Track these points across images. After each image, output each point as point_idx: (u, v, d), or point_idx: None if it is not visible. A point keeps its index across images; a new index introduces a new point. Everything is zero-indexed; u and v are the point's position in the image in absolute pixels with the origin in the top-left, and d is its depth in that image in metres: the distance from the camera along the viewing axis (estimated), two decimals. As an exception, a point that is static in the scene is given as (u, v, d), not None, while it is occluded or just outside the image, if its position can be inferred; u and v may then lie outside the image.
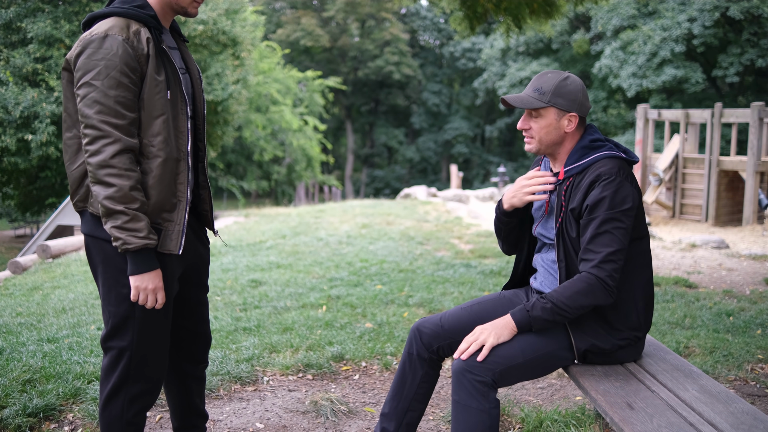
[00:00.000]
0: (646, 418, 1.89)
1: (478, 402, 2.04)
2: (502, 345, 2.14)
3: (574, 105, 2.21)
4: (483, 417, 2.04)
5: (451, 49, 40.92)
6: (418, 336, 2.41)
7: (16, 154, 15.44)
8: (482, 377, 2.06)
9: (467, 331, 2.37)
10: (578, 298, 2.09)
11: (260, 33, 21.57)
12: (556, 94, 2.20)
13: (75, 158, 2.11)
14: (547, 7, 6.87)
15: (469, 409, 2.05)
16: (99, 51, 1.98)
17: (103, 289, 2.13)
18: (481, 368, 2.07)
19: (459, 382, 2.08)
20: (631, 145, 23.16)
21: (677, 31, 22.83)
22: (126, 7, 2.06)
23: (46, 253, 8.17)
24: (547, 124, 2.22)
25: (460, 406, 2.07)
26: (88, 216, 2.12)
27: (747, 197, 11.37)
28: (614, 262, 2.10)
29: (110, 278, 2.09)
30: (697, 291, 5.64)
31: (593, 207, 2.13)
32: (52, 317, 4.82)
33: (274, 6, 39.72)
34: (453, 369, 2.11)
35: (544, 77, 2.24)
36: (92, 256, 2.14)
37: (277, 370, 3.59)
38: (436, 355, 2.41)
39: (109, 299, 2.11)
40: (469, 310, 2.45)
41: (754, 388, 3.34)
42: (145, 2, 2.11)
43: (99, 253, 2.11)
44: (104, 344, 2.15)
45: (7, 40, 16.37)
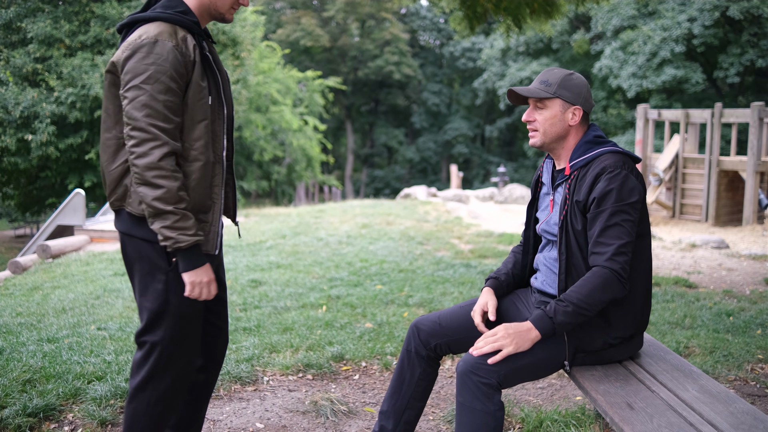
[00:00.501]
0: (646, 418, 1.89)
1: (483, 404, 2.02)
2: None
3: (579, 98, 2.25)
4: (487, 419, 2.02)
5: (451, 49, 40.91)
6: (416, 333, 2.42)
7: (16, 154, 15.44)
8: (487, 379, 2.04)
9: (465, 330, 2.37)
10: (596, 294, 2.08)
11: (260, 33, 21.58)
12: (562, 86, 2.24)
13: (114, 158, 2.16)
14: (548, 7, 6.87)
15: (474, 411, 2.03)
16: (150, 55, 2.01)
17: (139, 285, 2.17)
18: (487, 370, 2.05)
19: (463, 383, 2.06)
20: (631, 145, 23.15)
21: (677, 32, 22.82)
22: (171, 13, 2.09)
23: (46, 253, 8.17)
24: (552, 116, 2.25)
25: (464, 408, 2.05)
26: (125, 215, 2.16)
27: (747, 197, 11.37)
28: (625, 254, 2.10)
29: (147, 275, 2.14)
30: (697, 291, 5.64)
31: (600, 199, 2.13)
32: (52, 317, 4.82)
33: (274, 6, 39.70)
34: (458, 370, 2.09)
35: (551, 71, 2.29)
36: (128, 254, 2.18)
37: (277, 370, 3.59)
38: (433, 352, 2.41)
39: (145, 295, 2.15)
40: (467, 309, 2.44)
41: (754, 388, 3.34)
42: (188, 8, 2.15)
43: (135, 251, 2.15)
44: (138, 339, 2.18)
45: (7, 40, 16.36)
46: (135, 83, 2.01)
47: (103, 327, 4.38)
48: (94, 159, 16.18)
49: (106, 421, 2.87)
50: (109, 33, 16.12)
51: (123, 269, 6.91)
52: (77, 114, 15.44)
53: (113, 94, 2.13)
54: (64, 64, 15.58)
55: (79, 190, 10.60)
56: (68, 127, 16.13)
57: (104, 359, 3.54)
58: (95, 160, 16.25)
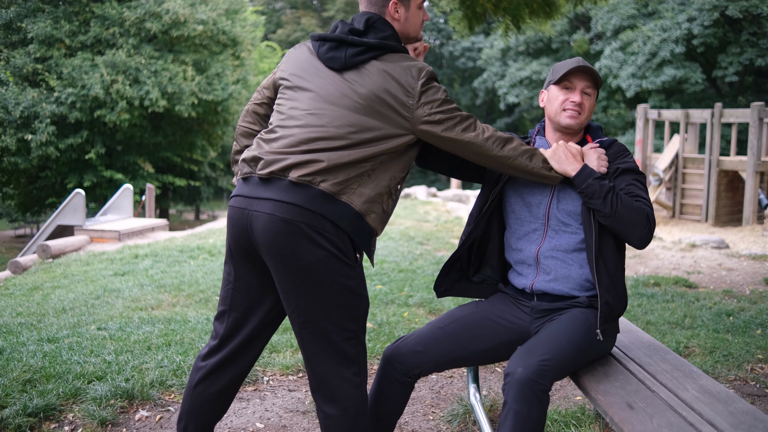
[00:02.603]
0: (646, 418, 1.89)
1: (538, 410, 1.95)
2: (556, 348, 2.05)
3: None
4: (539, 425, 1.97)
5: (450, 49, 40.91)
6: (393, 365, 2.27)
7: (16, 154, 15.44)
8: (546, 385, 1.97)
9: (449, 353, 2.25)
10: (634, 214, 2.12)
11: (260, 33, 21.60)
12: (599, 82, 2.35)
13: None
14: (547, 7, 6.86)
15: (530, 420, 1.94)
16: (441, 88, 2.06)
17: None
18: (546, 375, 1.97)
19: (522, 392, 1.94)
20: (632, 145, 23.16)
21: (677, 32, 22.83)
22: (400, 46, 2.10)
23: (46, 253, 8.17)
24: (593, 104, 2.34)
25: (520, 416, 1.94)
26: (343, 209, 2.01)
27: (747, 197, 11.37)
28: (653, 214, 2.20)
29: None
30: (697, 291, 5.64)
31: (627, 170, 2.24)
32: (52, 317, 4.82)
33: (274, 6, 39.73)
34: (517, 379, 1.95)
35: (586, 62, 2.34)
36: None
37: (277, 370, 3.59)
38: (415, 378, 2.29)
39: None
40: (447, 330, 2.29)
41: (753, 388, 3.34)
42: (398, 35, 2.14)
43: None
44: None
45: (7, 40, 16.37)
46: (458, 115, 2.04)
47: (103, 327, 4.39)
48: (93, 159, 16.19)
49: (106, 421, 2.88)
50: (109, 33, 16.13)
51: (123, 269, 6.91)
52: (77, 114, 15.44)
53: (378, 112, 2.02)
54: (64, 64, 15.59)
55: (79, 190, 10.60)
56: (68, 127, 16.14)
57: (104, 359, 3.54)
58: (95, 159, 16.26)
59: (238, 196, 2.09)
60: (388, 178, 2.06)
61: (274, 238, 1.96)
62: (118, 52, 15.73)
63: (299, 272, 1.98)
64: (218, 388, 2.21)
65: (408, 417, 3.10)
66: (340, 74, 2.03)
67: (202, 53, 17.20)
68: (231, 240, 2.12)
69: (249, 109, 2.30)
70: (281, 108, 2.11)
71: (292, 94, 2.10)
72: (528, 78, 29.95)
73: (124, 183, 15.35)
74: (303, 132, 2.01)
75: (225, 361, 2.21)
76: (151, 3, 16.02)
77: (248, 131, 2.29)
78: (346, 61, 2.02)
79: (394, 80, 2.00)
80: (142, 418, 2.97)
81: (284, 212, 1.95)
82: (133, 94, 15.38)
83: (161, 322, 4.47)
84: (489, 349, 2.29)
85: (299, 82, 2.09)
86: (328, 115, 2.01)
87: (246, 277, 2.15)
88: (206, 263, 7.09)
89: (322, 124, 2.01)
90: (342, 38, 2.03)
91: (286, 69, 2.16)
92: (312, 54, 2.11)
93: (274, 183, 1.99)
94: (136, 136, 16.95)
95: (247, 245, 2.07)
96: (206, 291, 5.62)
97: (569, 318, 2.17)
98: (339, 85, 2.02)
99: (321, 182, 1.97)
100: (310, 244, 1.95)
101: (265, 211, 1.97)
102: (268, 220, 1.97)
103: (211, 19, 16.69)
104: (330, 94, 2.02)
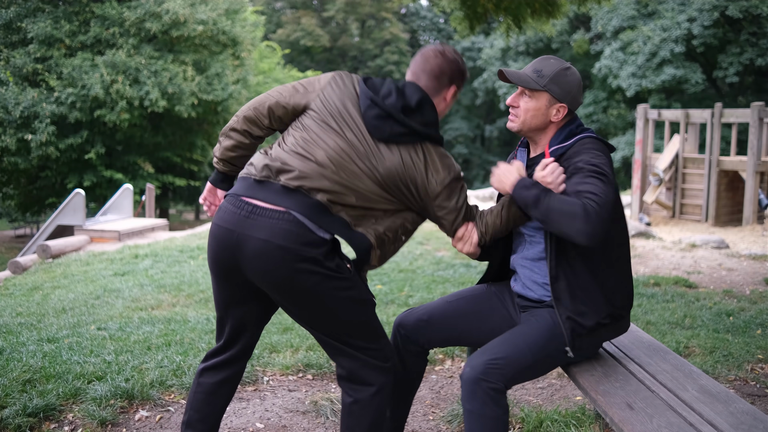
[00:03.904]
0: (645, 419, 1.89)
1: (492, 410, 1.99)
2: (511, 347, 2.08)
3: (567, 96, 2.16)
4: (497, 424, 2.00)
5: (451, 49, 40.91)
6: (400, 332, 2.36)
7: (16, 154, 15.44)
8: (496, 384, 2.01)
9: (453, 327, 2.33)
10: (565, 209, 1.94)
11: (260, 33, 21.60)
12: (554, 81, 2.14)
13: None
14: (549, 6, 6.86)
15: (484, 418, 1.99)
16: (460, 187, 2.18)
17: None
18: (495, 374, 2.01)
19: (472, 392, 2.01)
20: (632, 145, 23.15)
21: (677, 32, 22.83)
22: (439, 135, 2.19)
23: (46, 253, 8.17)
24: (535, 108, 2.16)
25: (474, 415, 2.00)
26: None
27: (747, 197, 11.37)
28: (599, 205, 1.93)
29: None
30: (697, 291, 5.64)
31: (577, 170, 2.05)
32: (52, 317, 4.82)
33: (274, 6, 39.71)
34: (465, 378, 2.02)
35: (547, 61, 2.19)
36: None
37: (277, 370, 3.58)
38: (423, 348, 2.36)
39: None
40: (454, 305, 2.38)
41: (754, 388, 3.34)
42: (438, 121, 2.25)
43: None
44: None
45: (7, 40, 16.37)
46: (462, 214, 2.18)
47: (103, 327, 4.38)
48: (93, 159, 16.19)
49: (106, 421, 2.87)
50: (109, 33, 16.14)
51: (123, 269, 6.91)
52: (77, 114, 15.44)
53: (393, 189, 2.09)
54: (64, 64, 15.59)
55: (79, 190, 10.60)
56: (68, 127, 16.13)
57: (104, 359, 3.54)
58: (95, 159, 16.26)
59: (236, 197, 2.07)
60: (399, 223, 2.14)
61: (268, 266, 1.99)
62: (118, 52, 15.72)
63: (299, 298, 2.05)
64: (220, 378, 2.29)
65: (408, 417, 3.10)
66: (375, 142, 2.07)
67: (202, 53, 17.20)
68: (214, 257, 2.13)
69: (255, 115, 2.21)
70: (310, 133, 2.10)
71: (326, 128, 2.10)
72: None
73: (124, 183, 15.35)
74: (327, 172, 2.05)
75: (230, 358, 2.30)
76: (151, 3, 16.02)
77: (248, 132, 2.24)
78: (388, 137, 2.06)
79: (419, 175, 2.07)
80: (142, 418, 2.97)
81: (282, 238, 1.96)
82: (133, 94, 15.38)
83: (161, 322, 4.47)
84: (491, 330, 2.33)
85: (333, 123, 2.09)
86: (348, 169, 2.05)
87: (232, 292, 2.18)
88: (206, 263, 7.09)
89: (341, 176, 2.04)
90: (392, 113, 2.06)
91: (325, 104, 2.13)
92: (355, 104, 2.11)
93: (292, 194, 2.01)
94: (136, 136, 16.95)
95: (232, 266, 2.08)
96: (206, 291, 5.62)
97: (535, 319, 2.19)
98: (369, 151, 2.06)
99: (340, 211, 2.04)
100: (304, 272, 1.99)
101: (260, 237, 1.97)
102: (263, 247, 1.97)
103: (211, 19, 16.68)
104: (359, 153, 2.06)
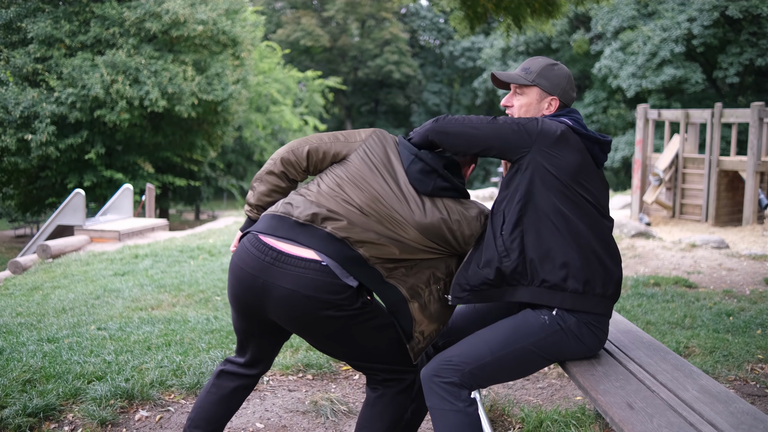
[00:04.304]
0: (646, 418, 1.89)
1: (451, 403, 2.01)
2: (469, 344, 2.08)
3: (556, 89, 2.22)
4: (461, 417, 2.01)
5: (450, 49, 40.90)
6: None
7: (16, 153, 15.44)
8: (449, 378, 2.03)
9: (471, 329, 2.34)
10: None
11: (260, 33, 21.59)
12: (542, 75, 2.22)
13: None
14: (549, 6, 6.86)
15: (445, 413, 2.02)
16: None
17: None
18: (448, 370, 2.04)
19: (429, 388, 2.05)
20: (632, 145, 23.15)
21: (677, 32, 22.84)
22: (467, 192, 2.34)
23: (46, 253, 8.17)
24: (527, 103, 2.24)
25: (435, 411, 2.04)
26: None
27: (747, 197, 11.37)
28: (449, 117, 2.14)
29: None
30: (697, 291, 5.64)
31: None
32: (52, 317, 4.82)
33: (274, 6, 39.72)
34: (421, 377, 2.08)
35: (535, 60, 2.28)
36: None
37: (277, 370, 3.58)
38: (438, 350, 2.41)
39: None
40: (476, 308, 2.43)
41: (754, 388, 3.34)
42: None
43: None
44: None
45: (7, 40, 16.37)
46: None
47: (103, 327, 4.39)
48: (93, 159, 16.19)
49: (106, 421, 2.87)
50: (109, 33, 16.14)
51: (123, 269, 6.91)
52: (77, 114, 15.44)
53: (433, 237, 2.16)
54: (65, 64, 15.58)
55: (79, 190, 10.60)
56: (68, 127, 16.13)
57: (104, 359, 3.54)
58: (95, 159, 16.26)
59: (259, 239, 2.07)
60: (429, 274, 2.18)
61: (293, 312, 2.04)
62: (118, 52, 15.72)
63: (323, 338, 2.12)
64: (237, 385, 2.33)
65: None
66: (419, 194, 2.13)
67: (202, 53, 17.19)
68: (235, 296, 2.14)
69: (293, 159, 2.21)
70: (356, 182, 2.12)
71: (370, 178, 2.13)
72: (528, 78, 29.91)
73: (124, 183, 15.35)
74: (370, 221, 2.08)
75: (251, 372, 2.35)
76: (151, 3, 16.01)
77: (285, 174, 2.23)
78: (432, 191, 2.13)
79: (459, 225, 2.15)
80: (141, 418, 2.97)
81: (309, 288, 1.99)
82: (133, 94, 15.38)
83: (161, 322, 4.47)
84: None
85: (377, 174, 2.14)
86: (393, 219, 2.09)
87: (253, 325, 2.22)
88: (206, 263, 7.09)
89: (386, 226, 2.09)
90: (437, 169, 2.13)
91: (369, 155, 2.17)
92: (397, 158, 2.17)
93: (335, 243, 2.03)
94: (136, 136, 16.95)
95: (255, 307, 2.12)
96: (206, 291, 5.62)
97: (507, 319, 2.15)
98: (414, 202, 2.12)
99: (376, 263, 2.08)
100: (330, 318, 2.04)
101: (287, 286, 2.00)
102: (290, 296, 2.01)
103: (211, 19, 16.68)
104: (403, 204, 2.11)
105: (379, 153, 2.16)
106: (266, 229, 2.08)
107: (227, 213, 16.03)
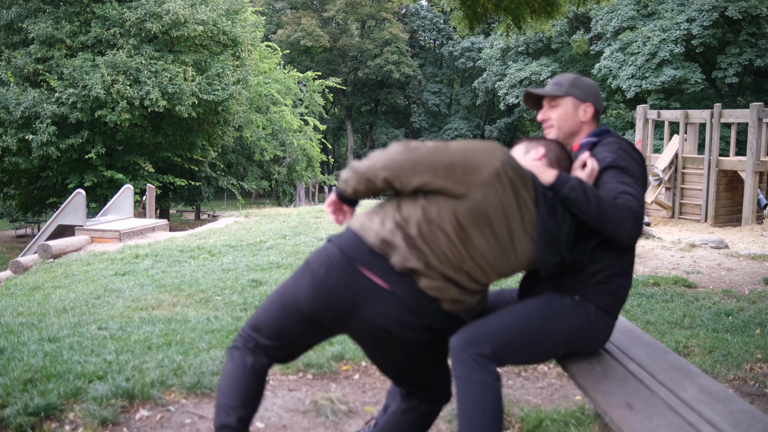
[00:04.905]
0: (645, 418, 1.90)
1: (480, 375, 2.03)
2: (500, 317, 2.14)
3: (589, 96, 2.41)
4: (487, 390, 2.03)
5: (450, 49, 40.91)
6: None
7: (17, 154, 15.45)
8: (481, 350, 2.05)
9: (493, 302, 2.40)
10: (608, 205, 2.09)
11: (260, 33, 21.58)
12: (573, 85, 2.41)
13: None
14: (548, 6, 6.87)
15: (472, 384, 2.04)
16: None
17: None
18: (480, 341, 2.06)
19: (458, 357, 2.07)
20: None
21: (676, 32, 22.85)
22: None
23: (47, 252, 8.18)
24: (564, 112, 2.40)
25: (462, 381, 2.05)
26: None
27: (746, 197, 11.38)
28: (641, 206, 2.12)
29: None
30: (697, 291, 5.65)
31: (605, 168, 2.22)
32: (53, 317, 4.83)
33: (275, 6, 39.73)
34: (451, 345, 2.09)
35: (563, 75, 2.47)
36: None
37: (277, 369, 3.59)
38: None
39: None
40: (499, 296, 2.47)
41: (752, 387, 3.35)
42: None
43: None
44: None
45: (8, 41, 16.38)
46: None
47: (104, 327, 4.39)
48: (94, 159, 16.20)
49: (106, 421, 2.88)
50: (110, 33, 16.14)
51: (123, 269, 6.92)
52: (78, 114, 15.44)
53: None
54: (65, 64, 15.59)
55: (79, 190, 10.61)
56: (69, 128, 16.14)
57: (105, 359, 3.55)
58: (95, 159, 16.27)
59: (351, 264, 2.06)
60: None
61: (370, 341, 2.10)
62: (119, 52, 15.73)
63: (390, 359, 2.18)
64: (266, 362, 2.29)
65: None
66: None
67: (203, 53, 17.20)
68: (309, 308, 2.11)
69: (399, 186, 2.17)
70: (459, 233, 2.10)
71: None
72: (527, 78, 29.95)
73: (124, 183, 15.35)
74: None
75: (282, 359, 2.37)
76: (152, 3, 16.02)
77: (381, 189, 2.26)
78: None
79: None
80: (142, 418, 2.97)
81: (392, 325, 2.03)
82: (133, 95, 15.39)
83: (162, 321, 4.48)
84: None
85: (487, 228, 2.21)
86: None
87: (306, 332, 2.22)
88: (207, 263, 7.10)
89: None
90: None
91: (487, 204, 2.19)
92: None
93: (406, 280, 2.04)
94: (136, 136, 16.95)
95: (327, 324, 2.14)
96: (206, 291, 5.62)
97: (537, 297, 2.25)
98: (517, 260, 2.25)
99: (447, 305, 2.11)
100: (402, 348, 2.10)
101: (371, 319, 2.03)
102: (371, 329, 2.05)
103: (212, 20, 16.68)
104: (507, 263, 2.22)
105: (496, 205, 2.12)
106: (352, 253, 2.06)
107: (228, 213, 16.06)
